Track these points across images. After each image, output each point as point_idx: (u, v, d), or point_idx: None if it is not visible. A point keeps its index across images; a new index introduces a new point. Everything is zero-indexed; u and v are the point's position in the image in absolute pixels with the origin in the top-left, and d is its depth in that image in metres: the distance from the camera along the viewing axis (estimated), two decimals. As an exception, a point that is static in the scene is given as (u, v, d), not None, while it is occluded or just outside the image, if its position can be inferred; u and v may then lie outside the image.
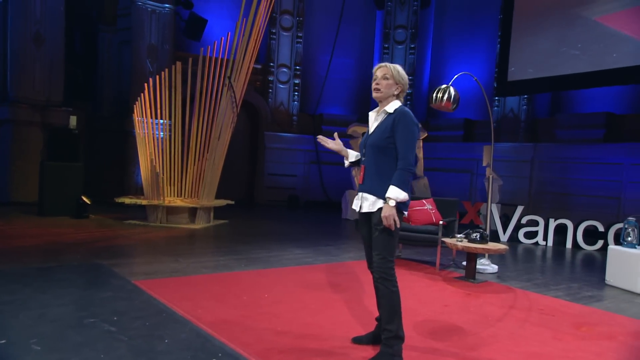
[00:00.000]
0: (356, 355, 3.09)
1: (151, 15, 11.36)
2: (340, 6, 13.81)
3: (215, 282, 4.72)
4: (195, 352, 2.98)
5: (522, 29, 10.34)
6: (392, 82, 3.02)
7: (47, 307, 3.72)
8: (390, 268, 2.99)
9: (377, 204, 2.96)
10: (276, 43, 13.48)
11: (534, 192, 11.11)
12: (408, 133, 2.92)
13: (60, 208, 8.51)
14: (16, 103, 10.18)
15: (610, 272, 5.63)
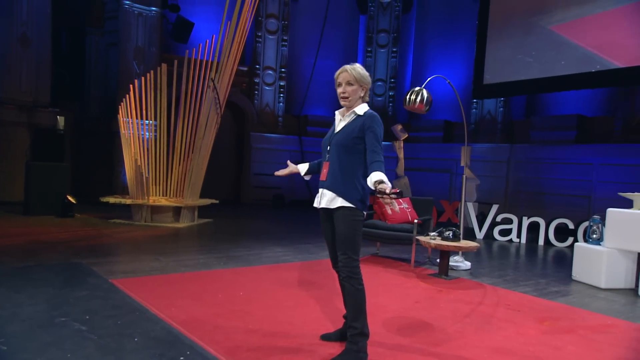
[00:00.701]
0: (323, 352, 3.06)
1: (138, 18, 11.23)
2: (324, 10, 13.76)
3: (192, 280, 4.64)
4: (164, 351, 2.92)
5: (497, 35, 10.39)
6: (356, 87, 2.97)
7: (20, 306, 3.64)
8: (355, 267, 2.97)
9: (336, 201, 2.91)
10: (262, 46, 13.40)
11: (510, 191, 11.17)
12: (379, 133, 2.89)
13: (46, 207, 8.38)
14: (2, 104, 10.01)
15: (577, 268, 5.66)
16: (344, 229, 2.91)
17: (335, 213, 2.94)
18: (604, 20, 8.85)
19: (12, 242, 6.13)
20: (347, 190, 2.89)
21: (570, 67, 9.12)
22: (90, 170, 11.32)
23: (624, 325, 4.05)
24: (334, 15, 13.99)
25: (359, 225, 2.94)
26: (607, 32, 8.81)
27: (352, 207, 2.89)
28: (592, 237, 5.59)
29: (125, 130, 8.31)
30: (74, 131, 11.28)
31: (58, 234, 6.78)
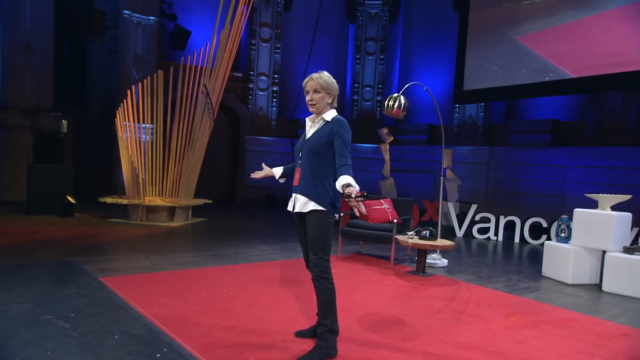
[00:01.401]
0: (296, 349, 3.02)
1: (137, 27, 11.17)
2: (315, 20, 13.72)
3: (178, 278, 4.58)
4: (142, 348, 2.87)
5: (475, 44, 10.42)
6: (323, 94, 2.93)
7: (8, 304, 3.58)
8: (325, 267, 2.94)
9: (309, 205, 2.90)
10: (256, 53, 13.35)
11: (490, 191, 11.17)
12: (347, 138, 2.88)
13: (47, 207, 8.31)
14: (7, 109, 9.94)
15: (546, 264, 5.66)
16: (315, 231, 2.90)
17: (307, 216, 2.92)
18: (560, 31, 8.97)
19: (11, 240, 6.06)
20: (319, 194, 2.88)
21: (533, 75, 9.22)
22: (91, 172, 11.26)
23: (585, 319, 4.05)
24: (324, 24, 13.95)
25: (330, 227, 2.93)
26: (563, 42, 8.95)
27: (323, 210, 2.87)
28: (561, 235, 5.58)
29: (122, 133, 8.25)
30: (75, 134, 11.20)
31: (56, 233, 6.71)
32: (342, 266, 5.64)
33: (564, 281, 5.34)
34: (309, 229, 2.93)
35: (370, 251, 6.69)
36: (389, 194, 10.95)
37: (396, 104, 5.36)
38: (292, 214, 3.06)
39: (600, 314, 4.26)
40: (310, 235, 2.92)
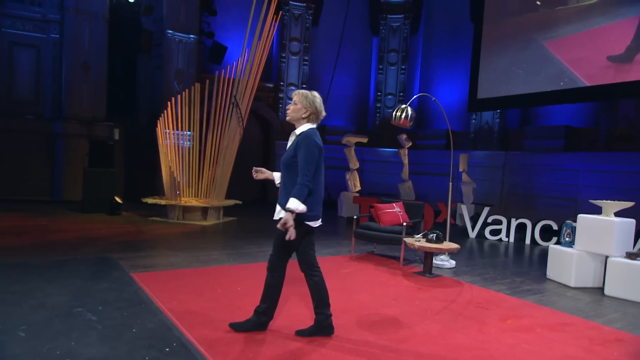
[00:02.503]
0: (293, 346, 3.02)
1: (178, 45, 11.44)
2: (340, 33, 13.68)
3: (199, 275, 4.65)
4: (154, 342, 2.94)
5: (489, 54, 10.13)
6: (299, 107, 3.00)
7: (49, 296, 3.72)
8: (274, 264, 3.15)
9: (281, 213, 2.98)
10: (286, 65, 13.42)
11: (505, 194, 10.82)
12: (307, 153, 2.86)
13: (98, 206, 8.62)
14: (68, 120, 10.40)
15: (551, 267, 5.43)
16: (281, 235, 2.97)
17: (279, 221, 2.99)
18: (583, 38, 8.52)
19: (63, 237, 6.30)
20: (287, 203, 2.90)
21: (550, 80, 8.82)
22: (138, 174, 11.59)
23: (581, 323, 3.86)
24: (349, 37, 13.89)
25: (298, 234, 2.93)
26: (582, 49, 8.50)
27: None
28: (566, 239, 5.35)
29: (162, 140, 8.46)
30: (125, 141, 11.59)
31: (102, 230, 6.94)
32: (354, 266, 5.58)
33: (567, 284, 5.11)
34: (277, 231, 3.04)
35: (383, 252, 6.57)
36: (407, 195, 10.81)
37: (403, 114, 5.28)
38: None
39: (598, 318, 4.05)
40: (276, 236, 3.07)
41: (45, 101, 10.63)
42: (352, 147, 10.85)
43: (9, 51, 10.40)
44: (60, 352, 2.72)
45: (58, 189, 10.42)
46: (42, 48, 10.61)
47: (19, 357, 2.65)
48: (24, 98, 10.57)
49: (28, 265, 4.63)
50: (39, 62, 10.64)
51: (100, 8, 10.64)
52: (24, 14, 10.38)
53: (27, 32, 10.49)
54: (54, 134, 10.41)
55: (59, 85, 10.61)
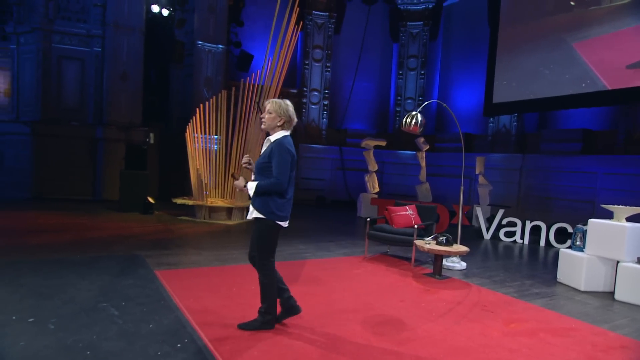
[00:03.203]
0: (296, 345, 3.03)
1: (208, 54, 11.66)
2: (362, 40, 13.62)
3: (218, 274, 4.69)
4: (167, 337, 3.01)
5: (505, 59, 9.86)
6: (274, 116, 3.08)
7: (79, 291, 3.86)
8: (263, 264, 3.20)
9: (254, 213, 3.12)
10: (309, 72, 13.47)
11: (522, 196, 10.51)
12: (280, 159, 2.98)
13: (133, 206, 8.88)
14: (107, 125, 10.78)
15: (561, 271, 5.24)
16: (257, 236, 3.16)
17: (254, 222, 3.16)
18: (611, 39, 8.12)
19: (99, 234, 6.49)
20: (261, 205, 3.06)
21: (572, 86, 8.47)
22: (171, 176, 11.87)
23: (587, 329, 3.71)
24: (370, 44, 13.81)
25: (270, 232, 3.13)
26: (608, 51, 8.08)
27: (264, 218, 3.07)
28: (576, 244, 5.15)
29: (191, 144, 8.64)
30: (159, 145, 11.90)
31: (134, 229, 7.13)
32: (366, 267, 5.54)
33: (578, 288, 4.93)
34: (252, 233, 3.17)
35: (396, 252, 6.47)
36: (424, 197, 10.65)
37: (413, 121, 5.20)
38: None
39: (605, 323, 3.88)
40: (253, 239, 3.16)
41: (88, 109, 11.04)
42: (371, 150, 10.78)
43: (58, 64, 10.86)
44: (83, 344, 2.83)
45: (99, 189, 10.81)
46: (87, 61, 11.02)
47: (46, 349, 2.77)
48: (71, 106, 11.01)
49: (65, 261, 4.81)
50: (83, 73, 11.06)
51: (137, 23, 10.97)
52: (71, 30, 10.81)
53: (74, 46, 10.93)
54: (95, 139, 10.81)
55: (100, 94, 11.00)
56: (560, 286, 5.09)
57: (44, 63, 10.64)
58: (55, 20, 10.69)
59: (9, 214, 7.92)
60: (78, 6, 10.98)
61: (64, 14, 10.88)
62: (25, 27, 10.85)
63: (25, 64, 11.05)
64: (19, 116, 11.22)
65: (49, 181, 10.53)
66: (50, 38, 10.67)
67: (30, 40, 10.81)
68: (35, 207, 8.93)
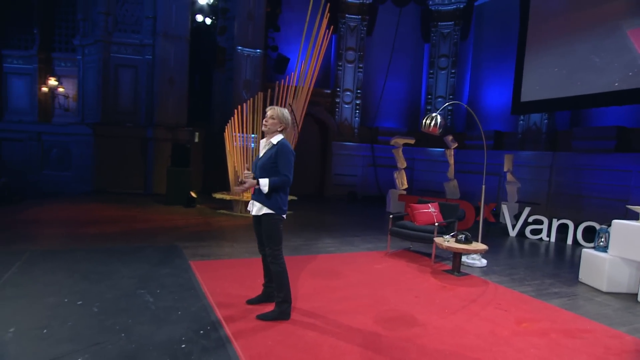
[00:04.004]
0: (308, 336, 3.07)
1: (247, 59, 11.88)
2: (393, 41, 13.40)
3: (246, 265, 4.77)
4: (191, 324, 3.14)
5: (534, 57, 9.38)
6: (276, 121, 3.26)
7: (122, 278, 4.09)
8: (277, 255, 3.28)
9: (262, 209, 3.22)
10: (342, 73, 13.42)
11: (552, 193, 10.00)
12: (285, 159, 3.17)
13: (178, 200, 9.27)
14: (157, 126, 11.26)
15: (583, 271, 4.97)
16: (267, 229, 3.25)
17: (262, 218, 3.24)
18: None
19: (145, 226, 6.83)
20: (269, 201, 3.19)
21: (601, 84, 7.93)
22: (214, 172, 12.24)
23: (602, 331, 3.51)
24: (402, 44, 13.55)
25: (278, 224, 3.27)
26: None
27: (272, 212, 3.20)
28: (600, 244, 4.87)
29: (229, 142, 8.86)
30: (203, 143, 12.29)
31: (177, 221, 7.44)
32: (387, 262, 5.50)
33: (599, 288, 4.66)
34: (263, 227, 3.26)
35: (419, 249, 6.35)
36: (452, 194, 10.39)
37: (432, 122, 5.10)
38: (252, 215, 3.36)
39: (623, 326, 3.66)
40: (264, 232, 3.25)
41: (140, 111, 11.58)
42: (400, 148, 10.63)
43: (116, 72, 11.46)
44: (119, 327, 3.02)
45: (149, 184, 11.34)
46: (139, 68, 11.55)
47: (88, 329, 2.98)
48: (125, 109, 11.60)
49: (113, 250, 5.11)
50: (136, 79, 11.59)
51: (183, 32, 11.35)
52: (127, 40, 11.36)
53: (129, 55, 11.48)
54: (146, 138, 11.33)
55: (151, 97, 11.49)
56: (582, 286, 4.84)
57: (104, 71, 11.25)
58: (114, 32, 11.26)
59: (73, 207, 8.49)
60: (132, 19, 11.50)
61: (120, 26, 11.44)
62: (89, 40, 11.52)
63: (89, 72, 11.75)
64: (83, 119, 11.96)
65: (107, 176, 11.17)
66: (109, 48, 11.26)
67: (93, 51, 11.47)
68: (95, 200, 9.52)
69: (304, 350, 2.84)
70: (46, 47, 12.68)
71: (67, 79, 12.76)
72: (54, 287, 3.74)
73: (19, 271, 4.16)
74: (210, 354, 2.70)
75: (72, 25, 12.61)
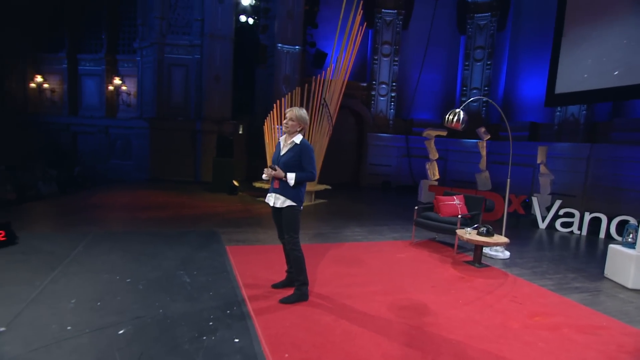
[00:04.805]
0: (323, 321, 3.16)
1: (286, 55, 11.99)
2: (428, 34, 12.95)
3: (276, 252, 4.72)
4: (219, 304, 3.34)
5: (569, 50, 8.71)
6: (295, 123, 3.40)
7: (165, 260, 4.38)
8: (296, 242, 3.45)
9: (286, 202, 3.36)
10: (378, 66, 13.19)
11: (589, 186, 9.37)
12: (309, 157, 3.34)
13: (222, 188, 9.63)
14: (204, 119, 11.71)
15: (609, 266, 4.69)
16: (289, 220, 3.41)
17: (283, 209, 3.39)
18: None
19: (191, 212, 7.17)
20: (291, 194, 3.35)
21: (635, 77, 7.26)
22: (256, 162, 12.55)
23: (618, 328, 3.34)
24: (437, 37, 13.06)
25: (298, 215, 3.44)
26: None
27: (294, 204, 3.36)
28: (628, 240, 4.57)
29: (267, 134, 9.05)
30: (247, 135, 12.63)
31: (219, 208, 7.75)
32: (410, 251, 5.46)
33: (625, 285, 4.39)
34: (284, 218, 3.41)
35: (444, 239, 6.21)
36: (483, 185, 10.05)
37: (455, 117, 4.95)
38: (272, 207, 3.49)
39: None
40: (285, 222, 3.40)
41: (190, 106, 12.08)
42: (432, 139, 10.37)
43: (169, 71, 12.00)
44: (159, 304, 3.28)
45: (198, 173, 11.88)
46: (189, 66, 12.01)
47: (133, 304, 3.26)
48: (177, 104, 12.14)
49: (161, 234, 5.45)
50: (187, 77, 12.07)
51: (228, 32, 11.63)
52: (178, 42, 11.83)
53: (180, 55, 11.96)
54: (195, 131, 11.83)
55: (199, 93, 11.94)
56: (607, 282, 4.57)
57: (159, 70, 11.81)
58: (167, 35, 11.76)
59: (131, 193, 9.10)
60: (183, 22, 11.93)
61: (173, 29, 11.91)
62: (146, 43, 12.12)
63: (146, 71, 12.38)
64: (142, 113, 12.68)
65: (161, 165, 11.82)
66: (163, 50, 11.79)
67: (149, 53, 12.07)
68: (150, 187, 10.12)
69: (318, 333, 2.95)
70: (112, 50, 13.50)
71: (128, 78, 13.54)
72: (109, 266, 4.10)
73: (83, 250, 4.58)
74: (233, 332, 2.87)
75: (133, 29, 13.31)
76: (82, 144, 13.82)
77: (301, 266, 3.45)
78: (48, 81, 13.88)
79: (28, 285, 3.49)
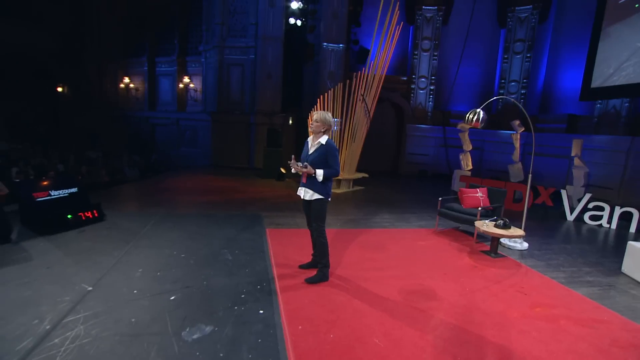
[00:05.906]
0: (337, 300, 3.37)
1: (331, 53, 12.00)
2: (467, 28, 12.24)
3: (306, 236, 4.68)
4: (253, 280, 3.64)
5: (607, 44, 7.82)
6: (320, 124, 3.53)
7: (214, 239, 4.77)
8: (322, 230, 3.61)
9: (315, 195, 3.51)
10: (417, 61, 12.78)
11: (627, 179, 8.54)
12: (334, 156, 3.46)
13: (271, 174, 10.08)
14: (257, 113, 12.17)
15: (626, 263, 4.39)
16: (317, 211, 3.57)
17: (312, 202, 3.54)
18: None
19: (242, 196, 7.54)
20: (319, 188, 3.49)
21: None
22: (303, 151, 12.86)
23: (619, 323, 3.19)
24: (477, 31, 12.32)
25: (325, 206, 3.59)
26: None
27: (322, 197, 3.51)
28: (649, 240, 4.24)
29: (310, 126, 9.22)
30: (296, 127, 12.93)
31: (266, 193, 8.10)
32: (431, 239, 5.42)
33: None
34: (313, 209, 3.57)
35: (467, 228, 6.03)
36: (516, 176, 9.54)
37: (475, 116, 4.82)
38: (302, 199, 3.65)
39: (649, 323, 3.26)
40: (313, 212, 3.56)
41: (245, 101, 12.59)
42: (466, 131, 9.96)
43: (227, 70, 12.56)
44: (203, 277, 3.67)
45: (252, 160, 12.45)
46: (245, 66, 12.47)
47: (184, 276, 3.67)
48: (235, 100, 12.71)
49: (214, 216, 5.87)
50: (243, 75, 12.57)
51: (279, 33, 11.87)
52: (236, 44, 12.30)
53: (237, 56, 12.44)
54: (249, 123, 12.35)
55: (253, 90, 12.39)
56: (622, 278, 4.29)
57: (219, 70, 12.41)
58: (227, 38, 12.26)
59: (195, 178, 9.81)
60: (240, 26, 12.35)
61: (232, 33, 12.38)
62: (209, 46, 12.74)
63: (209, 71, 13.06)
64: (205, 108, 13.45)
65: (221, 153, 12.54)
66: (223, 52, 12.33)
67: (212, 55, 12.69)
68: (211, 173, 10.83)
69: (331, 310, 3.16)
70: (182, 53, 14.36)
71: (195, 77, 14.37)
72: (169, 242, 4.59)
73: (151, 228, 5.14)
74: (260, 304, 3.18)
75: (199, 34, 14.02)
76: (159, 135, 15.01)
77: (324, 250, 3.65)
78: (133, 81, 15.15)
79: (108, 255, 4.07)
